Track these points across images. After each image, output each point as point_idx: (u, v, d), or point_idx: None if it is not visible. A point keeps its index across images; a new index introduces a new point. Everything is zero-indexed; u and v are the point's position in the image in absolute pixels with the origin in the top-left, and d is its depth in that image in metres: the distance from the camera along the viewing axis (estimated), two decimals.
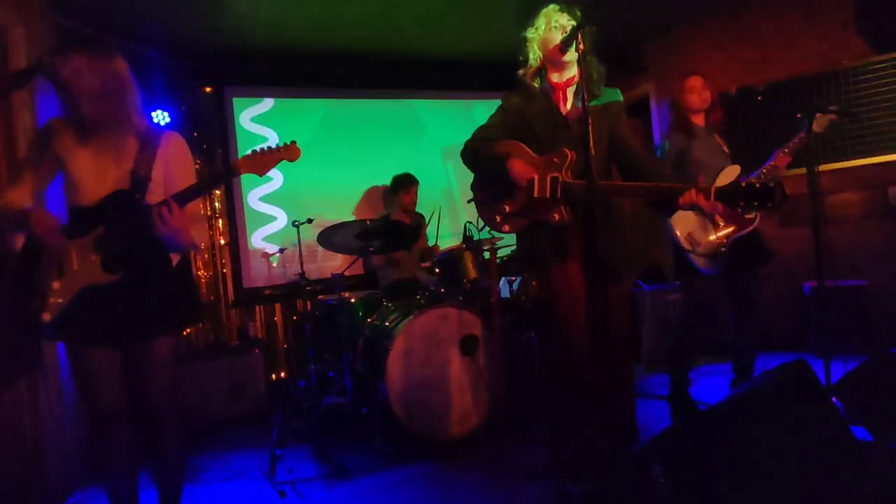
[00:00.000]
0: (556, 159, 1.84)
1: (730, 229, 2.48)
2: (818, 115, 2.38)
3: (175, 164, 1.76)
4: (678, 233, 2.49)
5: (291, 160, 1.76)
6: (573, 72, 1.95)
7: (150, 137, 1.72)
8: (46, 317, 1.55)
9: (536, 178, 1.83)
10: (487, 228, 2.13)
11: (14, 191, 1.64)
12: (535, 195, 1.83)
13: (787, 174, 2.58)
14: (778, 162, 2.47)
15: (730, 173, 2.51)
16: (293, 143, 1.75)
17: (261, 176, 1.72)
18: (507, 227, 1.98)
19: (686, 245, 2.47)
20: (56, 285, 1.57)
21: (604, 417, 2.16)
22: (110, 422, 1.67)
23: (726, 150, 2.62)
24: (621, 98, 2.03)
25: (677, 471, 1.65)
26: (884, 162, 3.47)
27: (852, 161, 3.60)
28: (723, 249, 2.46)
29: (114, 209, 1.62)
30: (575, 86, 1.96)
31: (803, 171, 2.36)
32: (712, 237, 2.48)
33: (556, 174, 1.82)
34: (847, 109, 3.53)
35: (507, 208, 1.95)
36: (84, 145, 1.64)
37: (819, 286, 2.31)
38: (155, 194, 1.69)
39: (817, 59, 3.67)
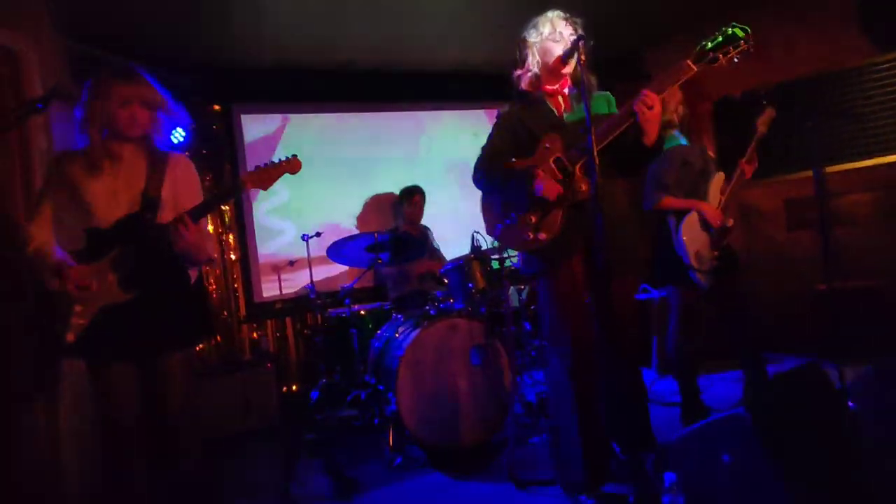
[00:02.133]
0: (547, 145, 1.91)
1: (721, 241, 2.51)
2: (765, 113, 2.42)
3: (184, 186, 1.81)
4: (689, 251, 2.48)
5: (293, 173, 1.83)
6: (560, 79, 1.99)
7: (158, 158, 1.77)
8: (71, 337, 1.62)
9: (544, 172, 1.87)
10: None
11: (35, 226, 1.69)
12: (553, 197, 1.87)
13: (788, 177, 2.59)
14: (745, 171, 2.51)
15: (718, 182, 2.56)
16: (294, 156, 1.82)
17: (265, 189, 1.79)
18: (543, 235, 1.91)
19: (695, 263, 2.48)
20: (78, 308, 1.64)
21: (618, 422, 2.15)
22: (129, 436, 1.69)
23: (712, 154, 2.63)
24: (612, 96, 2.09)
25: (692, 478, 1.64)
26: (893, 162, 3.45)
27: (861, 162, 3.57)
28: (715, 263, 2.50)
29: (128, 231, 1.68)
30: (567, 89, 2.01)
31: (810, 173, 2.36)
32: (709, 252, 2.50)
33: (557, 155, 1.90)
34: (849, 110, 3.53)
35: (534, 218, 1.93)
36: (97, 171, 1.69)
37: (829, 288, 2.30)
38: (165, 215, 1.73)
39: (821, 61, 3.66)
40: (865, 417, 1.78)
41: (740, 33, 1.78)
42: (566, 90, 2.02)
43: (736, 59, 1.80)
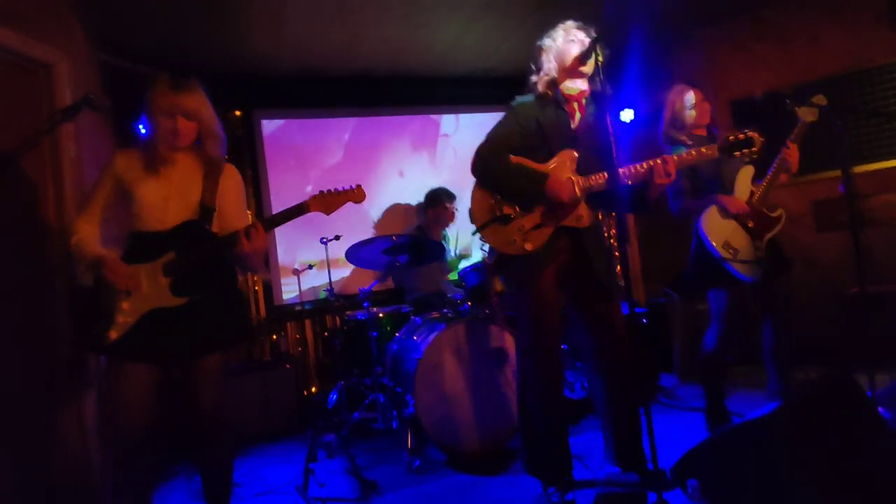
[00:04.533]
0: (567, 161, 1.91)
1: (764, 232, 2.42)
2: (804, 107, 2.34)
3: (232, 196, 1.86)
4: (714, 243, 2.43)
5: (357, 202, 1.87)
6: (585, 85, 1.97)
7: (213, 167, 1.81)
8: (113, 335, 1.65)
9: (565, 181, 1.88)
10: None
11: (83, 221, 1.74)
12: (566, 200, 1.87)
13: (822, 177, 2.52)
14: (787, 159, 2.39)
15: (746, 174, 2.46)
16: (359, 186, 1.86)
17: (328, 215, 1.84)
18: (529, 246, 1.92)
19: (725, 254, 2.40)
20: (125, 305, 1.67)
21: (616, 447, 2.10)
22: (134, 443, 1.68)
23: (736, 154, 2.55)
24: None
25: (714, 486, 1.60)
26: None
27: (892, 161, 3.46)
28: (759, 253, 2.39)
29: (185, 237, 1.72)
30: (585, 99, 2.00)
31: (839, 173, 2.29)
32: (749, 242, 2.42)
33: (568, 175, 1.90)
34: (879, 109, 3.42)
35: (526, 224, 1.94)
36: (153, 175, 1.74)
37: (860, 292, 2.23)
38: (213, 223, 1.78)
39: (847, 58, 3.56)
40: None
41: (756, 140, 1.85)
42: (584, 99, 2.00)
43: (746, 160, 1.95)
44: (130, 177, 1.74)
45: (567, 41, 1.94)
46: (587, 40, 1.90)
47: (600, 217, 4.16)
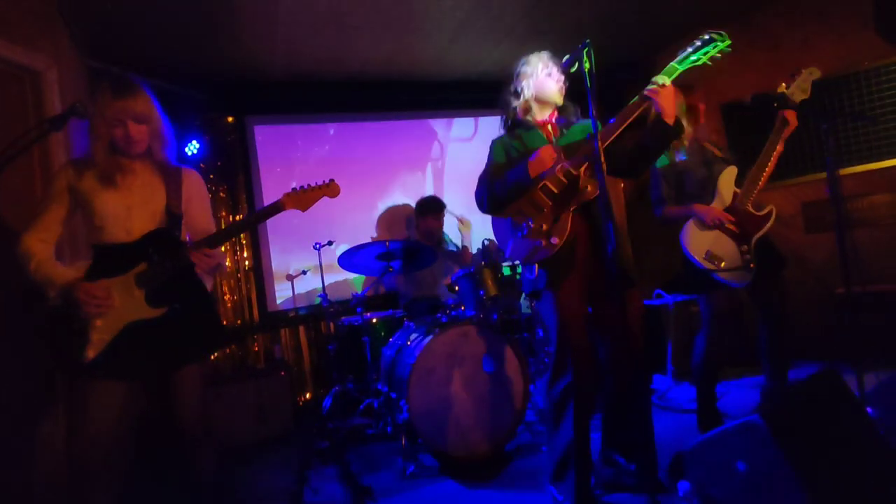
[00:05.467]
0: (552, 154, 1.96)
1: (750, 234, 2.43)
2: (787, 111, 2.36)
3: (196, 200, 1.84)
4: (696, 255, 2.44)
5: (332, 197, 1.86)
6: (549, 110, 2.11)
7: (172, 173, 1.78)
8: (91, 353, 1.58)
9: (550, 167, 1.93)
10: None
11: (37, 240, 1.65)
12: (548, 162, 1.91)
13: (809, 179, 2.54)
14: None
15: (728, 176, 2.48)
16: (332, 181, 1.85)
17: (303, 211, 1.81)
18: (556, 240, 1.94)
19: (709, 265, 2.41)
20: (99, 323, 1.60)
21: (620, 436, 2.14)
22: (96, 460, 1.59)
23: (720, 154, 2.56)
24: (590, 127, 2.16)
25: (706, 486, 1.61)
26: None
27: (880, 163, 3.51)
28: (748, 256, 2.40)
29: (155, 246, 1.68)
30: (555, 120, 2.11)
31: (825, 174, 2.31)
32: (734, 248, 2.43)
33: (560, 163, 1.94)
34: (865, 112, 3.46)
35: (545, 225, 1.96)
36: (110, 186, 1.68)
37: (847, 292, 2.25)
38: (184, 230, 1.76)
39: (836, 62, 3.61)
40: (885, 424, 1.74)
41: (716, 37, 1.93)
42: (554, 120, 2.11)
43: (719, 56, 1.95)
44: (86, 188, 1.66)
45: (545, 75, 2.06)
46: (561, 76, 2.04)
47: None
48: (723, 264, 2.41)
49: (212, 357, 3.75)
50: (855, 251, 2.33)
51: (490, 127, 4.81)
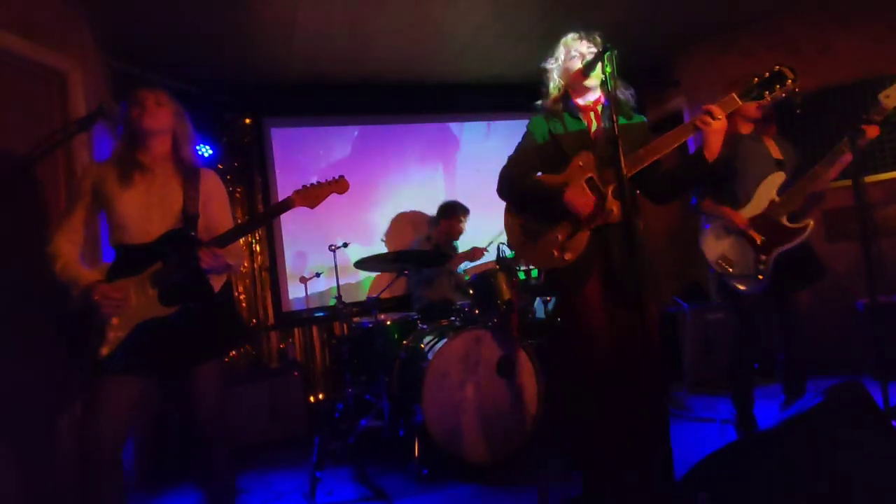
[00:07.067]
0: (580, 163, 1.89)
1: (773, 245, 2.38)
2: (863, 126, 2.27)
3: (215, 201, 1.85)
4: (709, 257, 2.40)
5: (341, 193, 1.87)
6: (597, 94, 1.96)
7: (191, 174, 1.80)
8: (105, 351, 1.61)
9: (582, 191, 1.84)
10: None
11: (64, 241, 1.69)
12: (586, 212, 1.84)
13: (831, 186, 2.49)
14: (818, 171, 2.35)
15: (769, 183, 2.40)
16: (341, 177, 1.86)
17: (312, 208, 1.82)
18: (569, 256, 1.88)
19: (718, 269, 2.38)
20: (115, 321, 1.63)
21: (637, 452, 2.08)
22: (101, 463, 1.60)
23: (777, 156, 2.48)
24: (646, 120, 2.05)
25: (724, 498, 1.58)
26: None
27: None
28: (762, 266, 2.35)
29: (171, 246, 1.69)
30: (601, 106, 1.97)
31: (849, 182, 2.27)
32: (750, 257, 2.38)
33: (589, 174, 1.87)
34: (891, 118, 3.39)
35: (561, 236, 1.90)
36: (130, 186, 1.70)
37: (872, 302, 2.20)
38: (200, 229, 1.78)
39: (858, 66, 3.55)
40: None
41: (788, 74, 1.80)
42: (599, 107, 1.98)
43: (782, 97, 1.82)
44: (108, 189, 1.69)
45: (569, 58, 1.94)
46: (589, 52, 1.89)
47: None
48: (731, 269, 2.38)
49: (228, 356, 3.78)
50: (880, 260, 2.28)
51: (504, 130, 4.80)
